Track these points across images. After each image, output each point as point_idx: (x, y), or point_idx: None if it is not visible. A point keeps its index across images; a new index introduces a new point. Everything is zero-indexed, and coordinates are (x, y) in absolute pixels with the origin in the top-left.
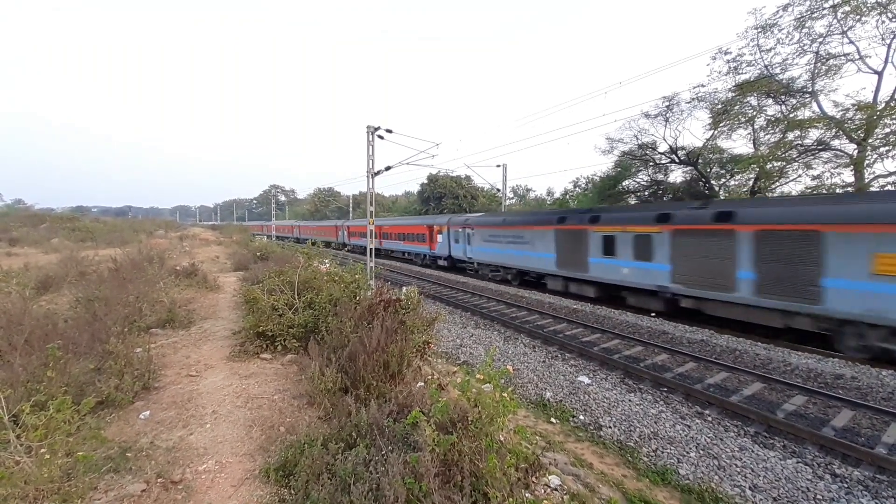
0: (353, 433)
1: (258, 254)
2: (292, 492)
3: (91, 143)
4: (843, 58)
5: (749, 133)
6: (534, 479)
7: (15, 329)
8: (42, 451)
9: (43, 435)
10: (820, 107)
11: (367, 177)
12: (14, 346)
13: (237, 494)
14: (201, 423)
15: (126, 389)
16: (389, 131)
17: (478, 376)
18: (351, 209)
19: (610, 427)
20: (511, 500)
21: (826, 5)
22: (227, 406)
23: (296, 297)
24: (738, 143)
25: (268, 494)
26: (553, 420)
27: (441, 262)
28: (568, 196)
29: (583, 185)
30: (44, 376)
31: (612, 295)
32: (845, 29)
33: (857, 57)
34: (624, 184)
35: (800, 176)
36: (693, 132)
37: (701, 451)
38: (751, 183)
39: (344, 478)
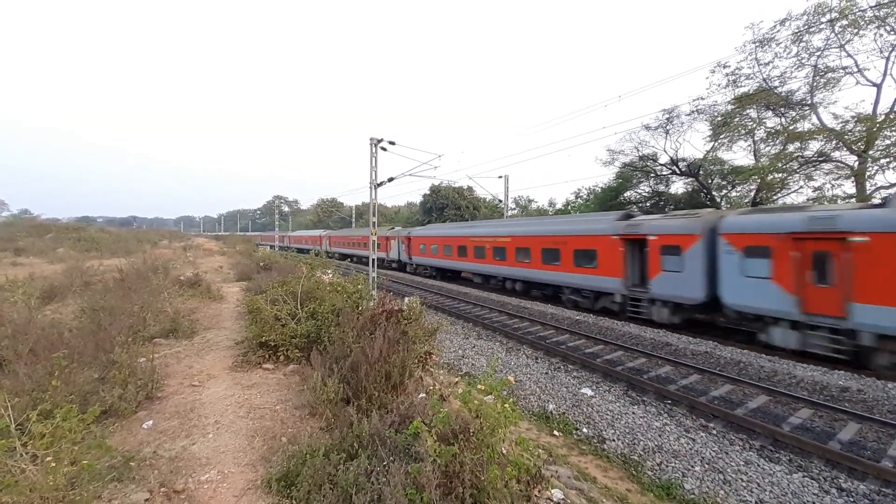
0: (355, 444)
1: (261, 264)
2: (294, 502)
3: (97, 154)
4: (841, 71)
5: (749, 145)
6: (536, 491)
7: (20, 338)
8: (48, 459)
9: (49, 443)
10: (819, 119)
11: (370, 188)
12: (19, 355)
13: None
14: (204, 433)
15: (130, 399)
16: (392, 143)
17: (479, 387)
18: (353, 220)
19: (613, 440)
20: None
21: (823, 20)
22: (229, 416)
23: (298, 307)
24: (739, 155)
25: None
26: (556, 432)
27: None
28: (570, 207)
29: (584, 196)
30: (49, 385)
31: None
32: (843, 42)
33: (855, 70)
34: (625, 195)
35: (801, 187)
36: (693, 144)
37: (706, 465)
38: (752, 194)
39: (346, 488)
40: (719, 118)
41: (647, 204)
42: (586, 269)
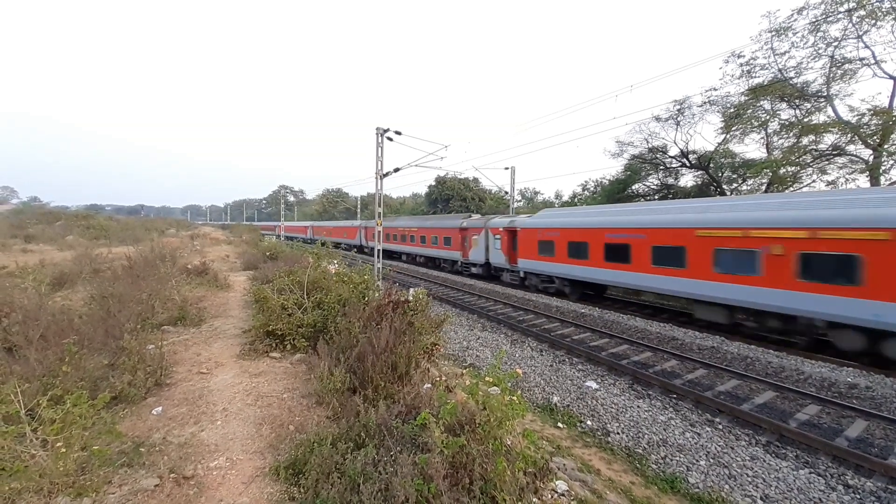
0: (362, 433)
1: (267, 253)
2: (302, 490)
3: (106, 144)
4: (858, 62)
5: (762, 137)
6: (541, 483)
7: (31, 324)
8: (58, 444)
9: (59, 429)
10: (835, 111)
11: (376, 178)
12: (30, 341)
13: (248, 491)
14: (212, 420)
15: (139, 385)
16: (398, 133)
17: (487, 379)
18: (359, 210)
19: (618, 433)
20: None
21: (841, 9)
22: (237, 404)
23: (305, 296)
24: (751, 148)
25: (278, 492)
26: (560, 425)
27: None
28: (576, 199)
29: (591, 189)
30: (59, 371)
31: None
32: (861, 33)
33: (872, 61)
34: (634, 187)
35: (814, 181)
36: (704, 136)
37: (711, 460)
38: (763, 188)
39: (353, 478)
40: (732, 110)
41: (656, 197)
42: (447, 248)
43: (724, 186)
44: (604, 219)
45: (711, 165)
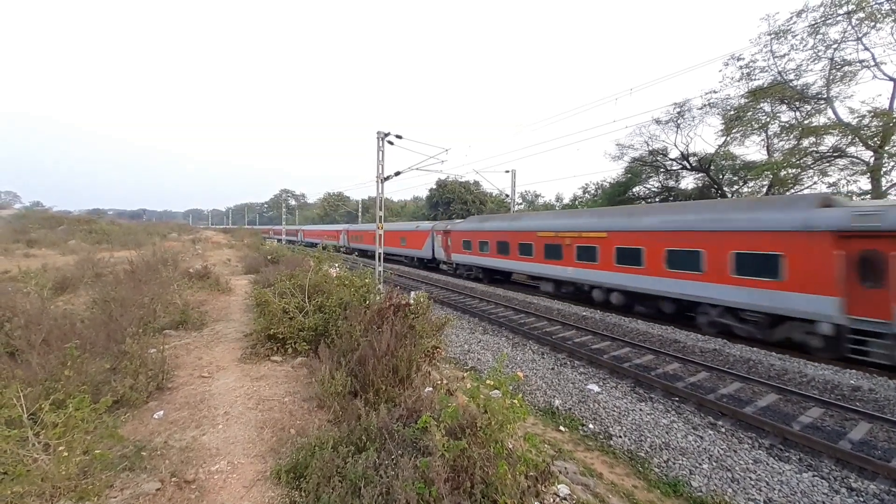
0: (363, 437)
1: (269, 257)
2: (303, 494)
3: (106, 144)
4: (858, 64)
5: (762, 139)
6: (543, 487)
7: (33, 328)
8: (60, 448)
9: (61, 433)
10: (835, 113)
11: (377, 182)
12: (32, 345)
13: (249, 495)
14: (213, 424)
15: (140, 389)
16: (399, 136)
17: (488, 382)
18: (360, 214)
19: (620, 436)
20: None
21: (840, 12)
22: (238, 407)
23: (306, 300)
24: (752, 150)
25: (279, 496)
26: (562, 428)
27: None
28: (577, 202)
29: (592, 191)
30: (61, 375)
31: None
32: (860, 35)
33: (872, 63)
34: (634, 190)
35: (815, 183)
36: (705, 138)
37: (714, 463)
38: (764, 190)
39: (354, 481)
40: (732, 112)
41: (657, 199)
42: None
43: (725, 188)
44: None
45: (712, 168)
